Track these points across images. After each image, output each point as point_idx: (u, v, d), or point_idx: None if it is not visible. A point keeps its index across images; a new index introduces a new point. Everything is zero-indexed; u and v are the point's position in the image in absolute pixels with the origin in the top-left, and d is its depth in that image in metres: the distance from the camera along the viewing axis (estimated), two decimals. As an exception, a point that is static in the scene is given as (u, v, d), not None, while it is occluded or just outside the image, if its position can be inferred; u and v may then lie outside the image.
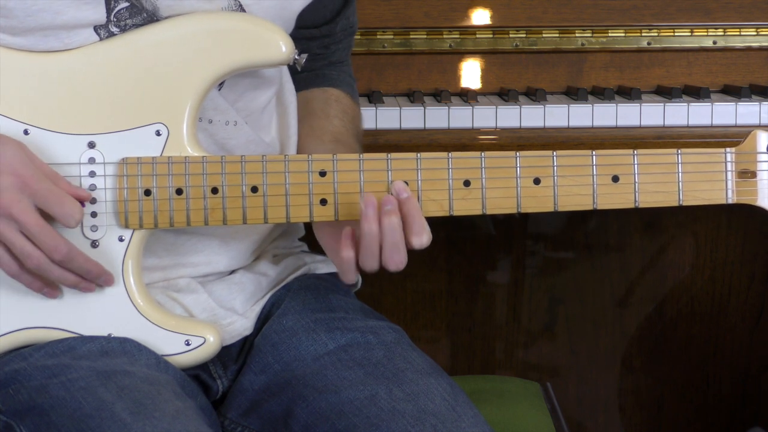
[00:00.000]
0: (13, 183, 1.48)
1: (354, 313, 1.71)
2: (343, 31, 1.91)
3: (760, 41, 2.54)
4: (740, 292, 2.86)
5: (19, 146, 1.52)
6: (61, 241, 1.50)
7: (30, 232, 1.49)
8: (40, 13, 1.54)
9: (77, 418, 1.44)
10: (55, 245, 1.50)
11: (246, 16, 1.60)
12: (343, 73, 1.93)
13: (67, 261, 1.51)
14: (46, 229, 1.50)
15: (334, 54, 1.92)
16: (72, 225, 1.52)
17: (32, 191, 1.49)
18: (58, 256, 1.50)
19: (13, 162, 1.49)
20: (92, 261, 1.54)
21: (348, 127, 1.83)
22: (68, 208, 1.51)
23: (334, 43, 1.91)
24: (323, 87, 1.88)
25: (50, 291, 1.56)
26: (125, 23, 1.57)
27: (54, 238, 1.50)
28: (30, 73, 1.56)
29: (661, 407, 2.92)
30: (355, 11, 1.93)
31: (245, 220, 1.57)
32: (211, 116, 1.64)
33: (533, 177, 1.59)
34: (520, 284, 2.84)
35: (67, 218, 1.51)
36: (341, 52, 1.93)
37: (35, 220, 1.49)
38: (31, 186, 1.49)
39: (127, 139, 1.56)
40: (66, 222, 1.51)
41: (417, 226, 1.55)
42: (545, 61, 2.53)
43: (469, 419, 1.54)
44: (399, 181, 1.56)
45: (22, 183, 1.49)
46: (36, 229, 1.49)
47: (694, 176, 1.60)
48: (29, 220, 1.48)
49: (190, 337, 1.59)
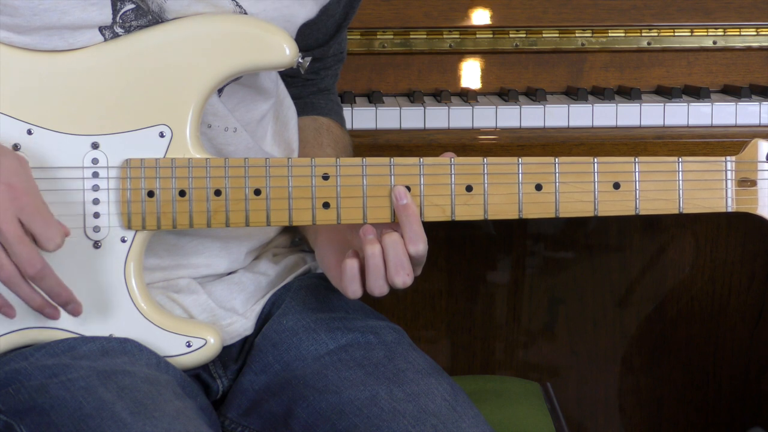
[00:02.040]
0: (3, 191, 1.46)
1: (354, 313, 1.71)
2: (334, 56, 1.92)
3: (760, 41, 2.54)
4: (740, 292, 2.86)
5: (20, 161, 1.51)
6: (38, 257, 1.47)
7: (7, 242, 1.46)
8: (46, 13, 1.53)
9: (77, 417, 1.44)
10: (30, 259, 1.46)
11: (250, 19, 1.60)
12: (331, 101, 1.94)
13: (39, 278, 1.48)
14: (24, 242, 1.46)
15: (323, 80, 1.92)
16: (50, 248, 1.48)
17: (21, 204, 1.46)
18: (32, 270, 1.47)
19: (9, 173, 1.48)
20: (63, 285, 1.51)
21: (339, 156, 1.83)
22: (52, 230, 1.48)
23: (324, 69, 1.92)
24: (312, 116, 1.89)
25: (8, 310, 1.53)
26: (130, 25, 1.57)
27: (30, 252, 1.46)
28: (34, 73, 1.56)
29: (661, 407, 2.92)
30: (346, 39, 1.94)
31: (248, 222, 1.57)
32: (210, 121, 1.64)
33: (535, 183, 1.59)
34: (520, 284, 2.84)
35: (48, 240, 1.48)
36: (329, 80, 1.94)
37: (15, 230, 1.46)
38: (20, 199, 1.47)
39: (131, 141, 1.56)
40: (45, 244, 1.48)
41: (412, 233, 1.56)
42: (545, 61, 2.53)
43: (469, 419, 1.54)
44: (400, 186, 1.57)
45: (12, 193, 1.46)
46: (14, 240, 1.45)
47: (694, 184, 1.60)
48: (9, 230, 1.45)
49: (191, 338, 1.59)
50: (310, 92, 1.91)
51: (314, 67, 1.90)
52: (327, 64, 1.92)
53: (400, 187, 1.56)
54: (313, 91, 1.91)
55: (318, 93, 1.92)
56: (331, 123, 1.89)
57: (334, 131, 1.88)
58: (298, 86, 1.89)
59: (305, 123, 1.87)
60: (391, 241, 1.55)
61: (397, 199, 1.56)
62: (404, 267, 1.56)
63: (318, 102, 1.91)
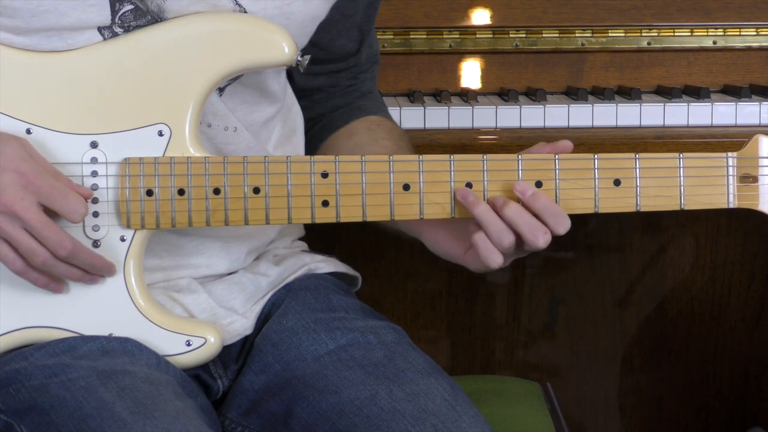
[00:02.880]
0: (15, 180, 1.48)
1: (354, 312, 1.71)
2: (368, 60, 1.92)
3: (760, 41, 2.54)
4: (740, 292, 2.86)
5: (21, 143, 1.52)
6: (66, 237, 1.50)
7: (34, 229, 1.49)
8: (45, 14, 1.54)
9: (77, 417, 1.44)
10: (60, 241, 1.50)
11: (249, 18, 1.60)
12: (376, 102, 1.94)
13: (72, 257, 1.52)
14: (50, 226, 1.50)
15: (364, 84, 1.93)
16: (77, 220, 1.52)
17: (35, 188, 1.49)
18: (63, 252, 1.50)
19: (14, 159, 1.49)
20: (96, 255, 1.55)
21: (399, 144, 1.84)
22: (72, 203, 1.51)
23: (362, 73, 1.92)
24: (362, 117, 1.89)
25: (56, 286, 1.56)
26: (129, 25, 1.57)
27: (58, 234, 1.50)
28: (33, 73, 1.56)
29: (661, 407, 2.92)
30: (377, 41, 1.95)
31: (247, 221, 1.57)
32: (210, 120, 1.64)
33: (535, 180, 1.59)
34: (520, 284, 2.84)
35: (71, 213, 1.51)
36: (369, 83, 1.94)
37: (39, 216, 1.49)
38: (33, 183, 1.49)
39: (130, 139, 1.56)
40: (70, 217, 1.51)
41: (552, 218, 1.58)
42: (545, 61, 2.53)
43: (469, 419, 1.54)
44: (521, 182, 1.59)
45: (24, 180, 1.49)
46: (40, 226, 1.49)
47: (695, 180, 1.60)
48: (33, 217, 1.48)
49: (191, 337, 1.59)
50: (354, 98, 1.91)
51: (352, 73, 1.91)
52: (363, 68, 1.92)
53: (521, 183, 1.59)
54: (357, 96, 1.92)
55: (362, 97, 1.92)
56: (380, 119, 1.90)
57: (386, 124, 1.89)
58: (342, 95, 1.90)
59: (356, 126, 1.87)
60: (511, 212, 1.57)
61: (523, 193, 1.58)
62: (539, 228, 1.58)
63: (364, 104, 1.92)
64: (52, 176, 1.52)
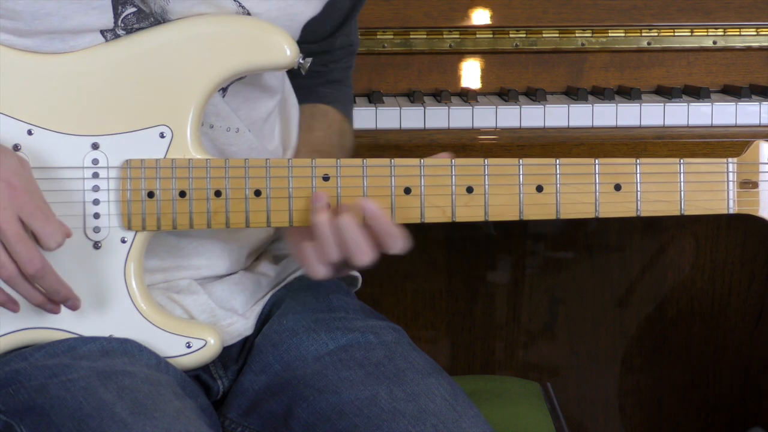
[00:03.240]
0: (2, 189, 1.46)
1: (354, 313, 1.71)
2: (342, 49, 1.91)
3: (760, 41, 2.54)
4: (740, 292, 2.86)
5: (21, 162, 1.51)
6: (37, 255, 1.47)
7: (8, 241, 1.46)
8: (47, 17, 1.53)
9: (77, 418, 1.44)
10: (30, 258, 1.46)
11: (251, 20, 1.59)
12: (339, 92, 1.92)
13: (39, 277, 1.48)
14: (24, 241, 1.46)
15: (332, 73, 1.91)
16: (51, 246, 1.48)
17: (20, 203, 1.47)
18: (32, 269, 1.47)
19: (9, 172, 1.48)
20: (63, 282, 1.52)
21: (331, 139, 1.83)
22: (52, 228, 1.48)
23: (333, 62, 1.91)
24: (314, 103, 1.88)
25: (12, 306, 1.53)
26: (132, 28, 1.57)
27: (30, 251, 1.46)
28: (34, 74, 1.56)
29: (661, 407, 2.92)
30: (356, 30, 1.93)
31: (248, 223, 1.57)
32: (212, 121, 1.64)
33: (536, 184, 1.59)
34: (520, 284, 2.84)
35: (48, 237, 1.48)
36: (340, 72, 1.93)
37: (15, 229, 1.46)
38: (20, 197, 1.47)
39: (131, 141, 1.56)
40: (46, 242, 1.48)
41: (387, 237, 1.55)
42: (545, 61, 2.53)
43: (469, 419, 1.54)
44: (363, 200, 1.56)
45: (12, 192, 1.46)
46: (14, 239, 1.46)
47: (695, 186, 1.60)
48: (9, 228, 1.45)
49: (191, 339, 1.59)
50: (317, 83, 1.90)
51: (322, 60, 1.89)
52: (335, 56, 1.91)
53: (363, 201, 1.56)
54: (320, 82, 1.90)
55: (326, 84, 1.91)
56: (330, 109, 1.88)
57: (331, 116, 1.87)
58: (306, 77, 1.89)
59: (302, 109, 1.84)
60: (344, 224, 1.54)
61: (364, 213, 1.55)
62: (361, 248, 1.55)
63: (324, 91, 1.90)
64: (41, 200, 1.51)
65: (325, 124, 1.85)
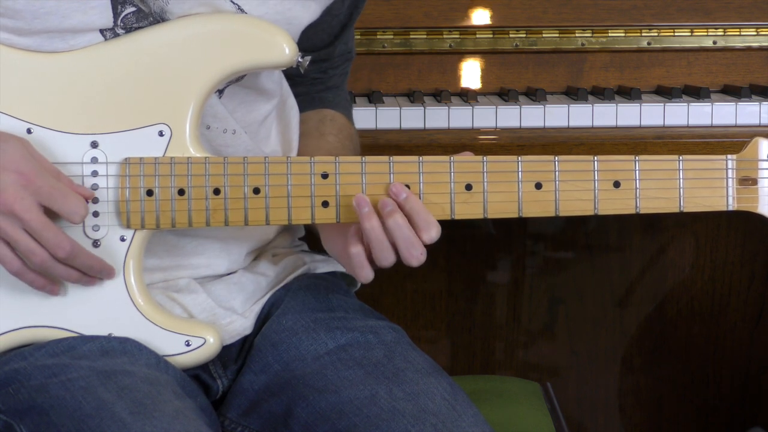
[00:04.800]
0: (15, 180, 1.48)
1: (354, 312, 1.71)
2: (341, 56, 1.92)
3: (760, 41, 2.54)
4: (740, 292, 2.86)
5: (22, 143, 1.52)
6: (65, 238, 1.50)
7: (33, 230, 1.49)
8: (46, 16, 1.54)
9: (77, 417, 1.44)
10: (59, 242, 1.50)
11: (250, 19, 1.60)
12: (339, 96, 1.94)
13: (70, 258, 1.51)
14: (50, 227, 1.49)
15: (332, 79, 1.92)
16: (77, 221, 1.52)
17: (35, 188, 1.49)
18: (62, 253, 1.50)
19: (15, 159, 1.49)
20: (94, 257, 1.54)
21: (344, 144, 1.84)
22: (72, 204, 1.51)
23: (332, 68, 1.92)
24: (318, 109, 1.89)
25: (53, 288, 1.56)
26: (131, 27, 1.57)
27: (57, 235, 1.50)
28: (34, 73, 1.56)
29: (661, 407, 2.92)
30: (353, 38, 1.94)
31: (247, 221, 1.57)
32: (209, 122, 1.64)
33: (535, 182, 1.59)
34: (520, 284, 2.84)
35: (71, 215, 1.51)
36: (338, 78, 1.94)
37: (38, 217, 1.49)
38: (34, 182, 1.49)
39: (130, 139, 1.56)
40: (70, 218, 1.51)
41: (422, 222, 1.55)
42: (545, 61, 2.53)
43: (469, 419, 1.54)
44: (396, 183, 1.57)
45: (24, 180, 1.48)
46: (39, 227, 1.48)
47: (695, 182, 1.60)
48: (32, 218, 1.48)
49: (190, 337, 1.59)
50: (318, 90, 1.91)
51: (322, 67, 1.90)
52: (334, 63, 1.92)
53: (397, 184, 1.56)
54: (320, 89, 1.91)
55: (327, 90, 1.92)
56: (336, 114, 1.89)
57: (339, 120, 1.88)
58: (306, 85, 1.89)
59: (309, 116, 1.86)
60: (396, 225, 1.54)
61: (397, 196, 1.55)
62: (415, 246, 1.55)
63: (326, 96, 1.91)
64: (53, 176, 1.52)
65: (335, 129, 1.86)
